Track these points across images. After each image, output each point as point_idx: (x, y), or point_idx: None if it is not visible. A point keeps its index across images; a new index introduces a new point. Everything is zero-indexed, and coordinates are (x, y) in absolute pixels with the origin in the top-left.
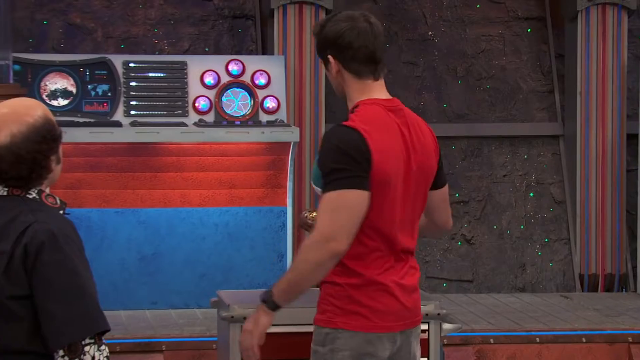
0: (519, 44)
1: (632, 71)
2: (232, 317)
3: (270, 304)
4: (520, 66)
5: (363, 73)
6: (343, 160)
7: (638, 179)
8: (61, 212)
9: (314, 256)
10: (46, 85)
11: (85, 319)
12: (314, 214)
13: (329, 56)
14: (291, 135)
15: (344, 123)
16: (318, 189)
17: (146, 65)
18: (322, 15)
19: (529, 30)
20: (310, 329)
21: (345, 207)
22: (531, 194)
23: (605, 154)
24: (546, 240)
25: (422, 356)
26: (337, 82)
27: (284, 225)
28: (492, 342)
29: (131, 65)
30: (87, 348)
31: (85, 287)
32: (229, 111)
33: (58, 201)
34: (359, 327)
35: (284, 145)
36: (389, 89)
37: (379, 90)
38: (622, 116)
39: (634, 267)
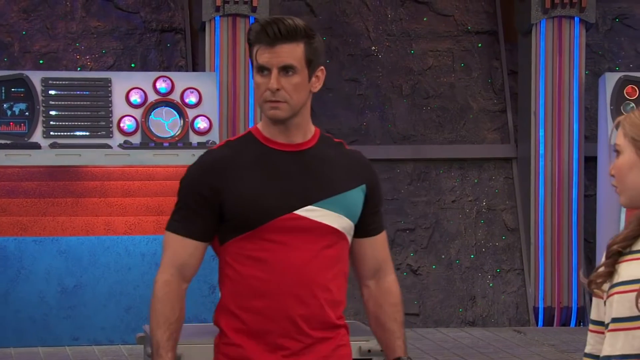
0: (469, 59)
1: (590, 89)
2: None
3: None
4: (470, 84)
5: None
6: None
7: (597, 204)
8: None
9: None
10: None
11: None
12: None
13: (323, 68)
14: None
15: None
16: (349, 222)
17: (67, 82)
18: None
19: (479, 45)
20: None
21: None
22: (482, 221)
23: (562, 177)
24: (498, 270)
25: None
26: (305, 100)
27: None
28: None
29: (51, 82)
30: None
31: None
32: (156, 132)
33: None
34: None
35: None
36: (329, 108)
37: None
38: (580, 137)
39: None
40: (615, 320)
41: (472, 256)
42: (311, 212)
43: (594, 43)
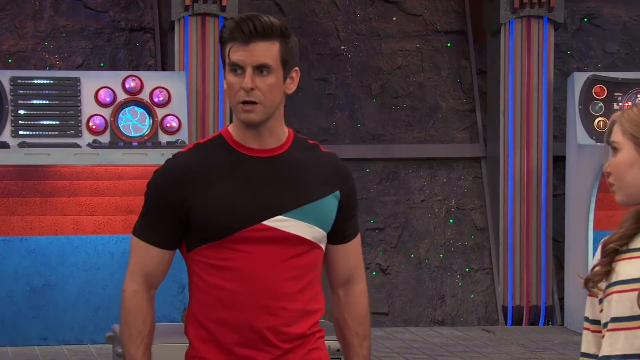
0: (438, 59)
1: (559, 89)
2: None
3: None
4: (439, 83)
5: None
6: None
7: (565, 204)
8: None
9: None
10: None
11: None
12: None
13: (297, 69)
14: None
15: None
16: (321, 231)
17: (36, 81)
18: None
19: (448, 44)
20: None
21: None
22: (451, 220)
23: (530, 177)
24: (467, 269)
25: None
26: (279, 102)
27: None
28: None
29: (19, 81)
30: None
31: None
32: (125, 131)
33: None
34: None
35: None
36: (299, 108)
37: None
38: (548, 137)
39: (561, 299)
40: (615, 319)
41: (441, 255)
42: (280, 223)
43: (562, 43)
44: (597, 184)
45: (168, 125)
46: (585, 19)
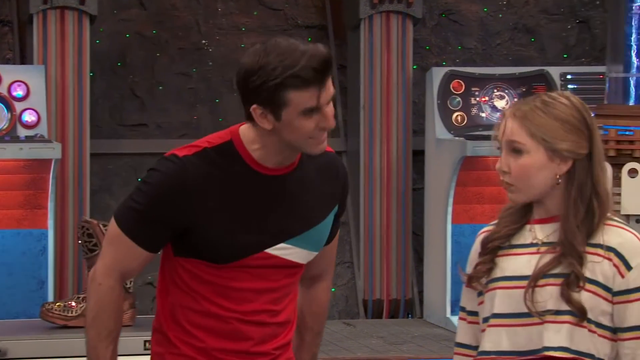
0: None
1: (418, 84)
2: None
3: None
4: None
5: None
6: None
7: (424, 198)
8: None
9: None
10: None
11: None
12: (59, 304)
13: None
14: (53, 151)
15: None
16: (315, 254)
17: None
18: (86, 22)
19: (309, 39)
20: None
21: None
22: None
23: (390, 171)
24: None
25: None
26: None
27: (45, 249)
28: None
29: None
30: None
31: None
32: None
33: None
34: None
35: (45, 163)
36: (160, 102)
37: None
38: (408, 131)
39: (420, 292)
40: (496, 315)
41: None
42: (283, 251)
43: (421, 38)
44: (455, 177)
45: (27, 119)
46: (444, 15)
